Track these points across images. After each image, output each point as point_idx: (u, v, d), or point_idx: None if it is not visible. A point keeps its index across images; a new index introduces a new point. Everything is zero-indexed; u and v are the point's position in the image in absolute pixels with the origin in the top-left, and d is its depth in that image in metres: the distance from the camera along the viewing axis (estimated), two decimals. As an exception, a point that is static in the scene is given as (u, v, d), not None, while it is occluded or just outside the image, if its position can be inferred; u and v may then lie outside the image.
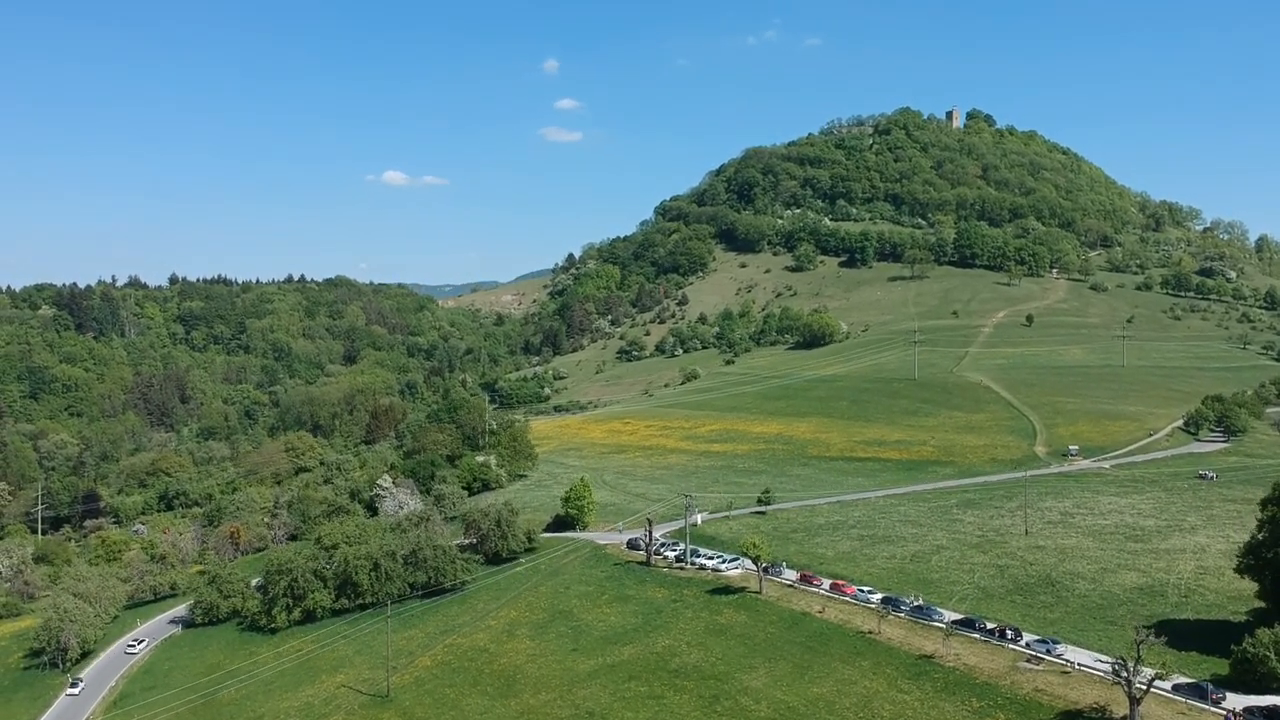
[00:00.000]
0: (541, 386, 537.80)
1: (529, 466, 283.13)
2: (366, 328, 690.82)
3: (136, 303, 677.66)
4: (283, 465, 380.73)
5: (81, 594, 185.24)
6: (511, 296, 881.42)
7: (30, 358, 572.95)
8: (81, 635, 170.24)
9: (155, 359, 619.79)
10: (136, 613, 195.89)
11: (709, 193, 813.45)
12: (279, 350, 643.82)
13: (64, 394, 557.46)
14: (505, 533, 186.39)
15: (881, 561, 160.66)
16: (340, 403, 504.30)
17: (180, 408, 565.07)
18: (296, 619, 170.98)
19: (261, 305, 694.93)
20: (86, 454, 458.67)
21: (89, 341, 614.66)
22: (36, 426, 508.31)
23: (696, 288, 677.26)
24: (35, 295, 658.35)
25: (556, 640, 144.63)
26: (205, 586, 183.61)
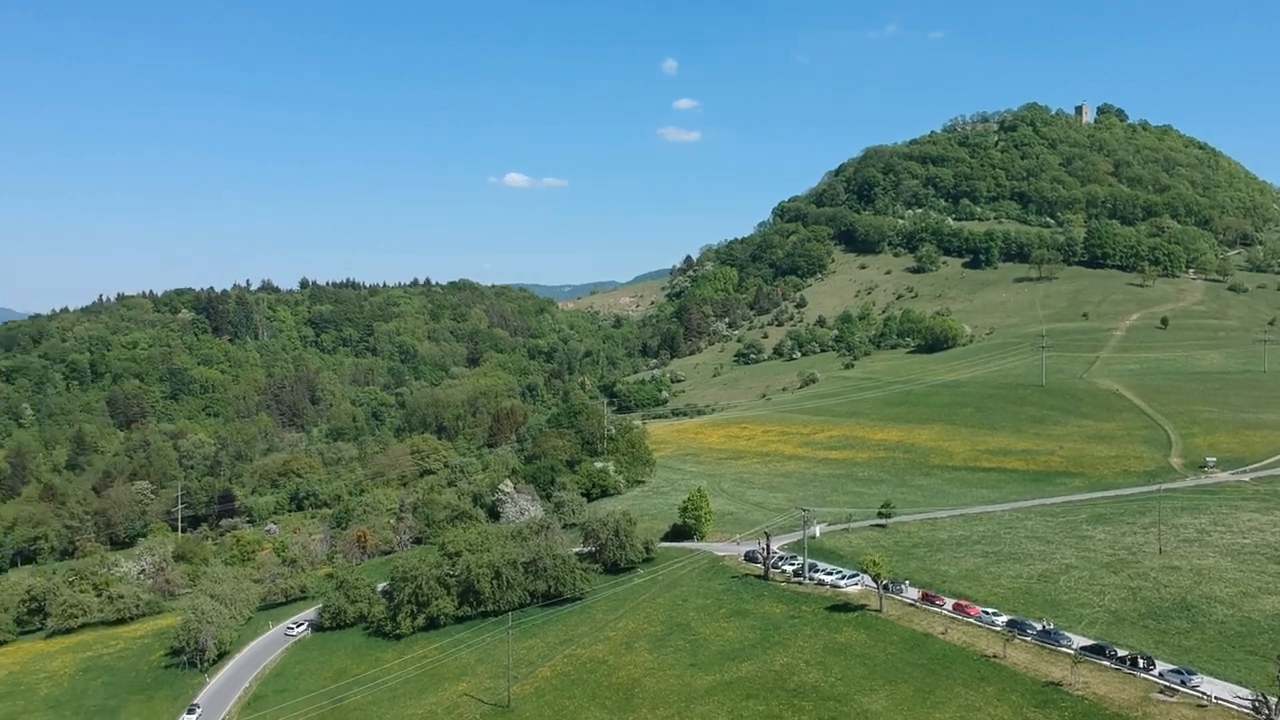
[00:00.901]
0: (659, 389, 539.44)
1: (647, 472, 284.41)
2: (489, 330, 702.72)
3: (269, 306, 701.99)
4: (408, 467, 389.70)
5: (218, 596, 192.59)
6: (629, 299, 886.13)
7: (171, 360, 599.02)
8: (218, 636, 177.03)
9: (287, 361, 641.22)
10: (269, 614, 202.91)
11: (828, 193, 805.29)
12: (405, 353, 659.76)
13: (202, 395, 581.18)
14: (624, 543, 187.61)
15: (1007, 581, 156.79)
16: (463, 405, 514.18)
17: (310, 409, 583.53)
18: (420, 625, 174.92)
19: (388, 308, 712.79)
20: (222, 454, 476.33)
21: (225, 344, 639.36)
22: (176, 426, 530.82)
23: (815, 290, 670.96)
24: (175, 300, 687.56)
25: (674, 654, 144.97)
26: (333, 591, 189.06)
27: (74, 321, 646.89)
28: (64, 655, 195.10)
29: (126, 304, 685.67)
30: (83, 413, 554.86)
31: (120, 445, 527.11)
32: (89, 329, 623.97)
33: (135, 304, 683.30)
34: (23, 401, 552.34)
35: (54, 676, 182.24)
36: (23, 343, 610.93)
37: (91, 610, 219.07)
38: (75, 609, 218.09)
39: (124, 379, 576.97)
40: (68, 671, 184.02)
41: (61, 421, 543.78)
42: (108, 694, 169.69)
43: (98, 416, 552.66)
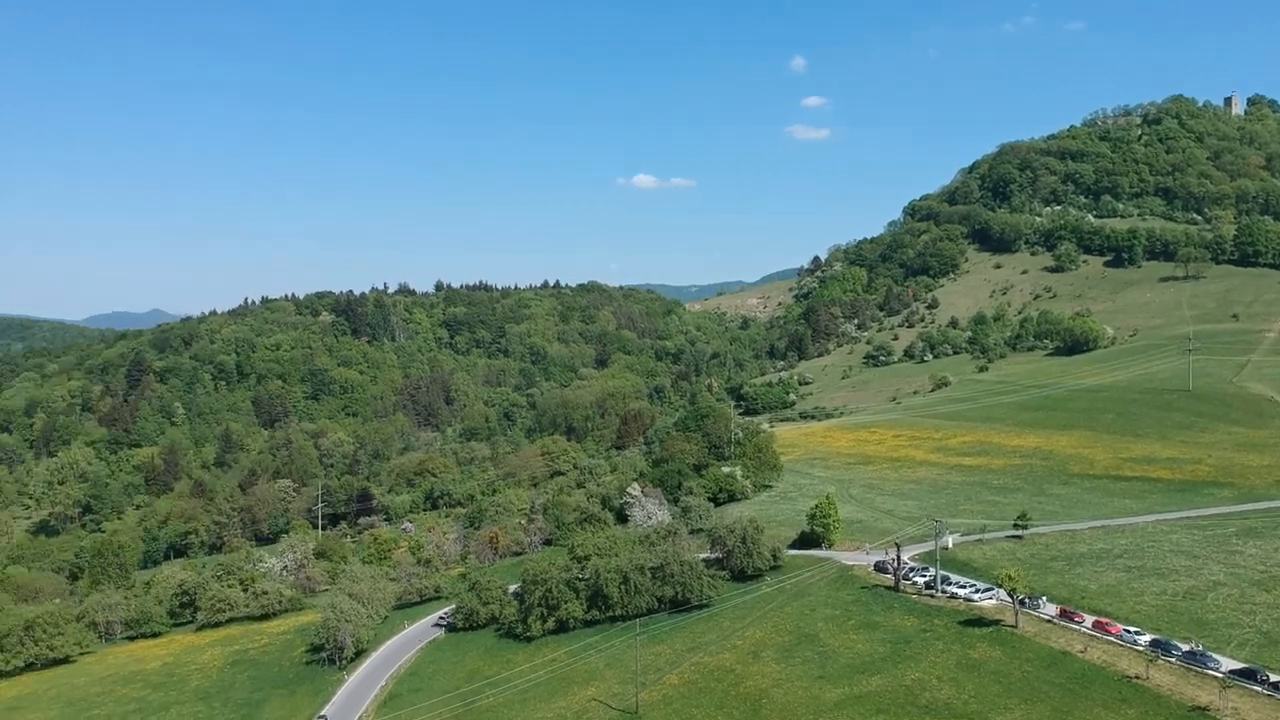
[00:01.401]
0: (786, 392, 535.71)
1: (774, 477, 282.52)
2: (617, 332, 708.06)
3: (406, 309, 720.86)
4: (538, 468, 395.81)
5: (356, 595, 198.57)
6: (756, 300, 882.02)
7: (312, 361, 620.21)
8: (356, 635, 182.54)
9: (422, 362, 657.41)
10: (404, 614, 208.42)
11: (961, 191, 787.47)
12: (535, 354, 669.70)
13: (341, 395, 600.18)
14: (751, 550, 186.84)
15: (1150, 598, 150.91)
16: (592, 406, 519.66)
17: (445, 409, 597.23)
18: (550, 628, 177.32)
19: (519, 310, 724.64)
20: (360, 453, 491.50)
21: (363, 346, 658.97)
22: (317, 426, 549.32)
23: (947, 290, 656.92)
24: (316, 303, 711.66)
25: (803, 665, 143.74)
26: (466, 592, 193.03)
27: (222, 324, 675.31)
28: (213, 648, 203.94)
29: (270, 307, 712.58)
30: (229, 412, 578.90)
31: (264, 444, 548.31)
32: (235, 331, 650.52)
33: (278, 307, 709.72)
34: (175, 401, 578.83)
35: (204, 669, 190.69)
36: (174, 345, 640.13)
37: (238, 605, 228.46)
38: (223, 604, 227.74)
39: (268, 379, 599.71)
40: (216, 664, 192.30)
41: (210, 420, 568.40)
42: (253, 688, 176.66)
43: (243, 416, 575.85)
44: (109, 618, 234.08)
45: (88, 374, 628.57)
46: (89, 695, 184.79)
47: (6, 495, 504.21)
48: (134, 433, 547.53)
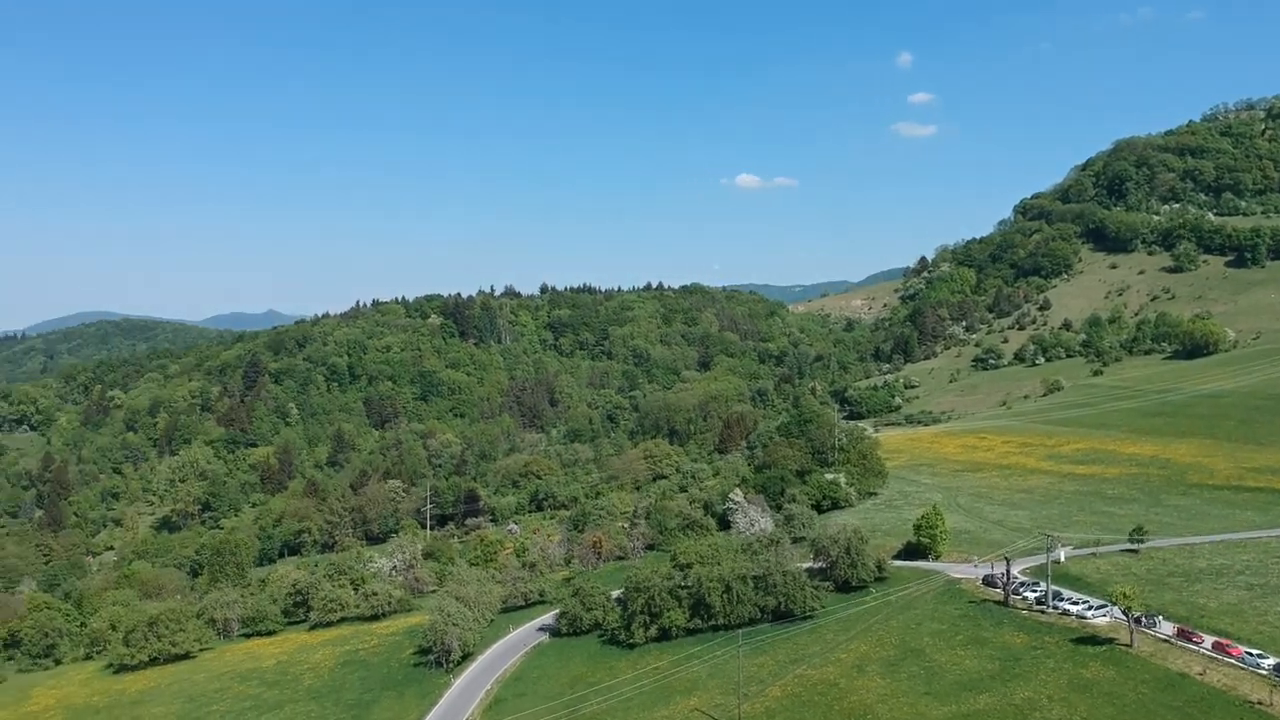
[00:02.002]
0: (892, 395, 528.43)
1: (879, 484, 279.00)
2: (719, 334, 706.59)
3: (512, 311, 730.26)
4: (641, 471, 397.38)
5: (462, 598, 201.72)
6: (861, 301, 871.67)
7: (421, 363, 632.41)
8: (462, 639, 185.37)
9: (528, 364, 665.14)
10: (509, 617, 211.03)
11: (1074, 189, 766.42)
12: (638, 356, 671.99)
13: (449, 396, 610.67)
14: (855, 561, 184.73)
15: (1275, 618, 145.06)
16: (694, 409, 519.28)
17: (549, 410, 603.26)
18: (653, 636, 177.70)
19: (623, 313, 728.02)
20: (468, 453, 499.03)
21: (470, 348, 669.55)
22: (426, 426, 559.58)
23: (1059, 291, 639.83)
24: (425, 306, 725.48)
25: (908, 681, 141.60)
26: (570, 598, 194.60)
27: (334, 326, 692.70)
28: (325, 648, 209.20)
29: (381, 310, 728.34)
30: (341, 412, 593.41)
31: (375, 444, 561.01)
32: (347, 333, 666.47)
33: (389, 310, 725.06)
34: (289, 402, 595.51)
35: (316, 668, 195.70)
36: (289, 347, 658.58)
37: (349, 606, 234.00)
38: (334, 604, 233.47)
39: (379, 381, 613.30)
40: (328, 664, 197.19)
41: (323, 420, 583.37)
42: (363, 688, 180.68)
43: (355, 416, 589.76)
44: (227, 615, 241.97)
45: (207, 375, 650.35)
46: (208, 691, 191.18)
47: (132, 492, 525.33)
48: (250, 432, 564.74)
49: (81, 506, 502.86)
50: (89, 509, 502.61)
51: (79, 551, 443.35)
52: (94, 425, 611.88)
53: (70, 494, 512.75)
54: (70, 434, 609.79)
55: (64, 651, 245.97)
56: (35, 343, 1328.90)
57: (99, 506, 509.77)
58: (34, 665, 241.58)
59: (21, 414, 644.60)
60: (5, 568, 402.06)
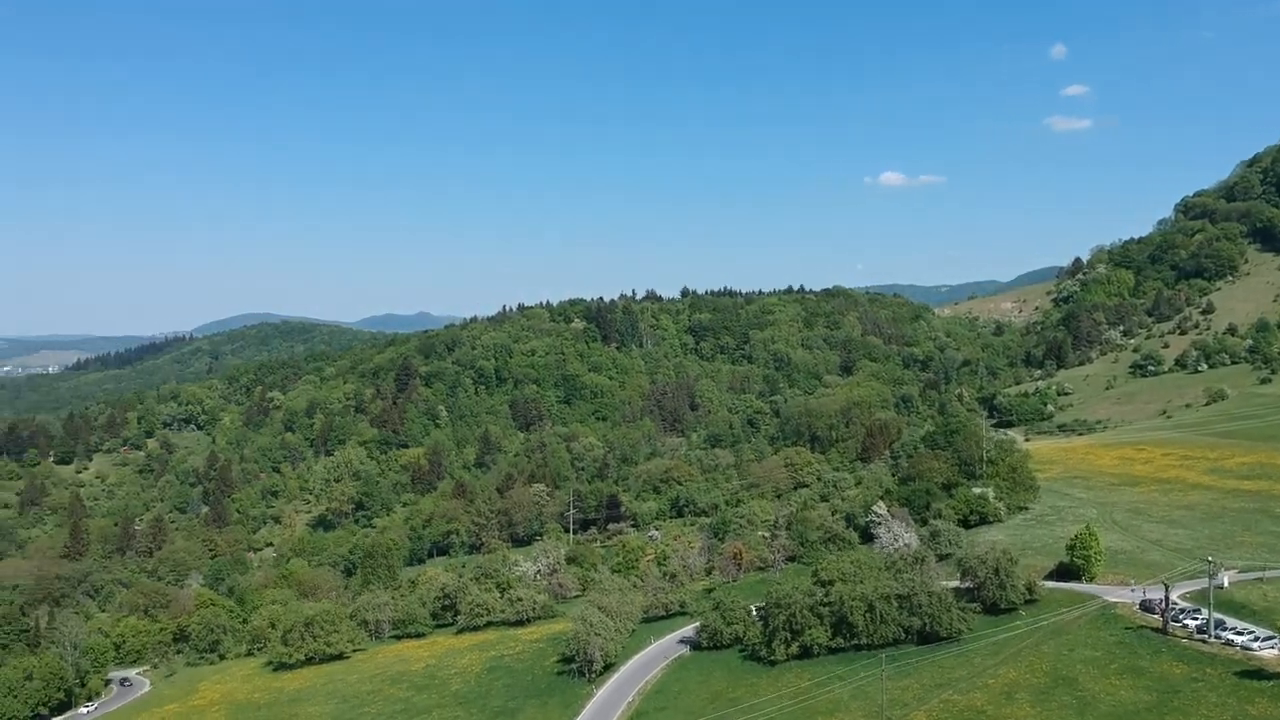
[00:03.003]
0: (1043, 403, 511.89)
1: (1029, 498, 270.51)
2: (862, 338, 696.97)
3: (653, 315, 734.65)
4: (782, 479, 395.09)
5: (604, 608, 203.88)
6: (1011, 304, 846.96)
7: (564, 366, 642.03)
8: (604, 649, 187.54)
9: (668, 368, 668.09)
10: (650, 628, 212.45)
11: (1240, 186, 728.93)
12: (779, 360, 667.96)
13: (591, 400, 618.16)
14: (1004, 582, 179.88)
15: None
16: (836, 415, 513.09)
17: (690, 414, 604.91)
18: (794, 653, 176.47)
19: (764, 316, 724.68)
20: (609, 456, 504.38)
21: (612, 351, 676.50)
22: (569, 430, 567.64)
23: (1224, 294, 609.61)
24: (569, 310, 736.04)
25: (1059, 711, 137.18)
26: (710, 612, 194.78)
27: (482, 330, 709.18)
28: (472, 653, 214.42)
29: (527, 314, 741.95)
30: (488, 415, 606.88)
31: (520, 446, 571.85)
32: (494, 337, 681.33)
33: (534, 314, 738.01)
34: (439, 404, 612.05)
35: (463, 673, 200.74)
36: (439, 351, 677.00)
37: (494, 610, 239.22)
38: (481, 608, 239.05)
39: (524, 384, 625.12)
40: (474, 669, 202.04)
41: (471, 422, 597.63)
42: (508, 695, 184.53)
43: (501, 419, 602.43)
44: (378, 617, 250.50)
45: (361, 378, 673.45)
46: (360, 693, 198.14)
47: (290, 490, 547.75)
48: (401, 434, 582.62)
49: (244, 504, 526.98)
50: (250, 506, 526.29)
51: (241, 547, 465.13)
52: (255, 425, 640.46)
53: (233, 491, 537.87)
54: (233, 433, 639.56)
55: (228, 647, 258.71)
56: (202, 344, 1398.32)
57: (260, 504, 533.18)
58: (200, 660, 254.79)
59: (189, 414, 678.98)
60: (175, 562, 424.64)
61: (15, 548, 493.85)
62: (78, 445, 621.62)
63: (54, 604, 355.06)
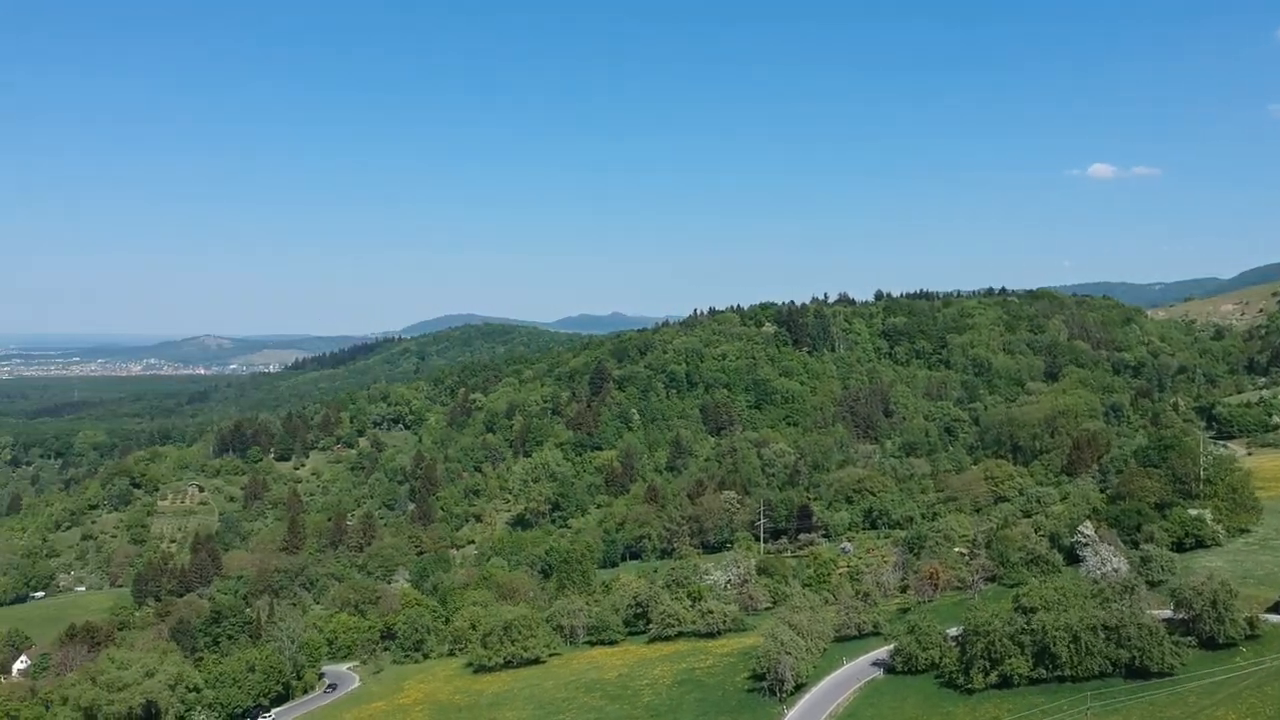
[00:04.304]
0: (1269, 414, 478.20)
1: (1251, 520, 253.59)
2: (1068, 343, 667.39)
3: (845, 319, 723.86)
4: (981, 492, 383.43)
5: (795, 625, 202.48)
6: (1233, 305, 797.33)
7: (755, 371, 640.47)
8: (795, 668, 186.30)
9: (861, 373, 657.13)
10: (842, 647, 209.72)
11: None
12: (978, 366, 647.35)
13: (782, 405, 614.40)
14: (1222, 615, 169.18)
15: None
16: (1040, 425, 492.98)
17: (884, 421, 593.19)
18: (993, 682, 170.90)
19: (961, 320, 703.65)
20: (800, 463, 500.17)
21: (803, 356, 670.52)
22: (760, 435, 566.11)
23: None
24: (760, 314, 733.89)
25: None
26: (904, 635, 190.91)
27: (673, 335, 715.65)
28: (663, 664, 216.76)
29: (717, 318, 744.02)
30: (680, 419, 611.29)
31: (711, 450, 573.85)
32: (686, 341, 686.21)
33: (725, 318, 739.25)
34: (632, 407, 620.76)
35: (654, 684, 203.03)
36: (632, 354, 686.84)
37: (685, 621, 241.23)
38: (672, 619, 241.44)
39: (715, 388, 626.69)
40: (665, 681, 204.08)
41: (662, 426, 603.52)
42: (699, 711, 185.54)
43: (692, 423, 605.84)
44: (573, 622, 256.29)
45: (557, 380, 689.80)
46: (556, 699, 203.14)
47: (491, 490, 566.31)
48: (596, 436, 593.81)
49: (447, 502, 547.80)
50: (453, 504, 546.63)
51: (445, 545, 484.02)
52: (458, 426, 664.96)
53: (437, 490, 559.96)
54: (438, 433, 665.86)
55: (431, 647, 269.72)
56: (409, 345, 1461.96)
57: (462, 502, 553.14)
58: (406, 658, 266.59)
59: (397, 414, 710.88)
60: (384, 557, 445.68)
61: (240, 539, 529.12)
62: (296, 443, 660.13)
63: (273, 595, 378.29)
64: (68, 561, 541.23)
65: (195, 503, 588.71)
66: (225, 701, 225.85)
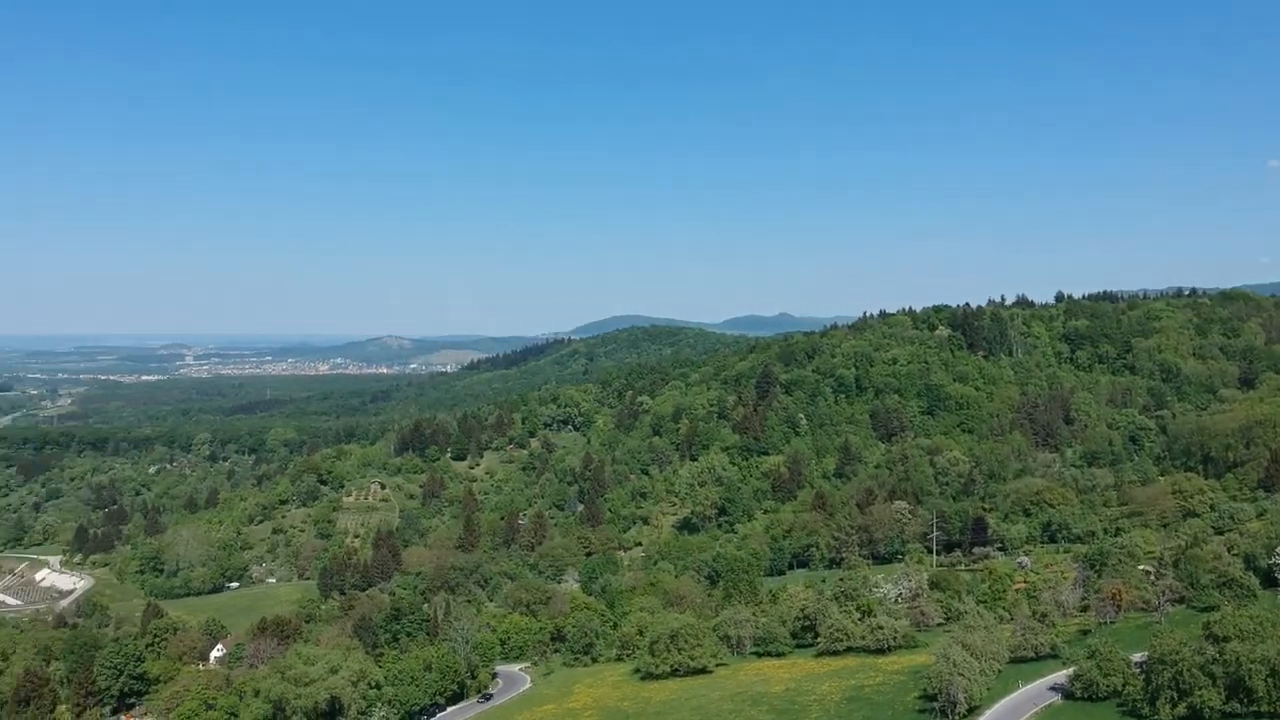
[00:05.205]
0: None
1: None
2: (1267, 347, 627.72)
3: (1023, 321, 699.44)
4: (1169, 507, 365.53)
5: (969, 645, 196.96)
6: None
7: (927, 375, 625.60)
8: (968, 690, 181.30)
9: (1040, 378, 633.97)
10: (1017, 670, 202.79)
11: None
12: (1166, 371, 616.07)
13: (956, 411, 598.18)
14: None
15: None
16: (1235, 435, 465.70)
17: (1064, 429, 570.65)
18: (1180, 715, 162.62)
19: (1148, 323, 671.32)
20: (975, 472, 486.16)
21: (979, 360, 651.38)
22: (932, 442, 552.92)
23: None
24: (933, 316, 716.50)
25: None
26: (1085, 659, 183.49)
27: (842, 338, 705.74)
28: (831, 679, 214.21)
29: (888, 321, 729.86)
30: (848, 424, 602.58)
31: (880, 457, 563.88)
32: (854, 345, 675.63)
33: (896, 321, 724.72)
34: (798, 412, 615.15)
35: (822, 700, 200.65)
36: (799, 358, 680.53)
37: (854, 636, 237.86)
38: (840, 633, 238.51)
39: (885, 394, 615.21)
40: (833, 697, 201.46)
41: (830, 432, 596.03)
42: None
43: (861, 429, 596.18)
44: (739, 633, 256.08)
45: (723, 384, 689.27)
46: (722, 711, 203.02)
47: (657, 493, 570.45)
48: (762, 441, 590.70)
49: (615, 504, 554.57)
50: (621, 506, 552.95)
51: (612, 546, 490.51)
52: (625, 428, 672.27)
53: (605, 492, 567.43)
54: (606, 435, 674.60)
55: (600, 651, 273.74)
56: (578, 346, 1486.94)
57: (629, 504, 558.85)
58: (575, 661, 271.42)
59: (567, 415, 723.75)
60: (554, 557, 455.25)
61: (418, 536, 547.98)
62: (470, 443, 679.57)
63: (449, 591, 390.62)
64: (260, 554, 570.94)
65: (377, 499, 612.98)
66: (403, 699, 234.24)
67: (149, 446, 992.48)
